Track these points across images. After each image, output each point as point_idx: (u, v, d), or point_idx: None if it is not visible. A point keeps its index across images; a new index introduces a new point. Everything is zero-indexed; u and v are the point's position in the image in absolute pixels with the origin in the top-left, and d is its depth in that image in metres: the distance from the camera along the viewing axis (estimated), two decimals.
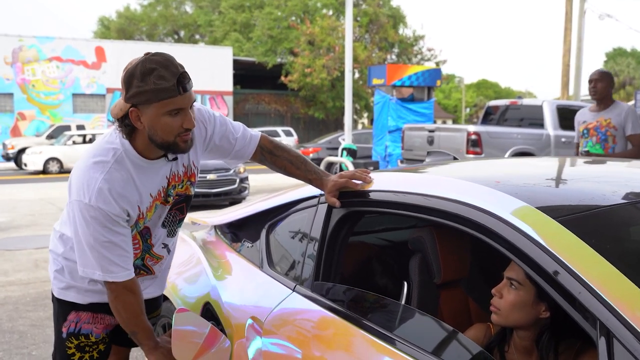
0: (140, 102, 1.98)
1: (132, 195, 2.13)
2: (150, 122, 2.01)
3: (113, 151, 2.11)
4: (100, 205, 2.04)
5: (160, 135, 2.03)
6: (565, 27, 20.70)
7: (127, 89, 1.98)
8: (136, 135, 2.10)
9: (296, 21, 38.30)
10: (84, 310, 2.38)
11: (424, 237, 2.24)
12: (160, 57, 1.97)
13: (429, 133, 12.92)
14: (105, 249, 2.08)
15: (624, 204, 1.85)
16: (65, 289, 2.38)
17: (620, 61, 55.04)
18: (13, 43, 31.28)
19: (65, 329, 2.40)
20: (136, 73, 1.95)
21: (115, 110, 2.06)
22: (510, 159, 3.19)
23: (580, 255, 1.54)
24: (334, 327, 2.08)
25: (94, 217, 2.05)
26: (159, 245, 2.37)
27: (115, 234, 2.09)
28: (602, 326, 1.38)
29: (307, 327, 2.20)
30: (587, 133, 5.53)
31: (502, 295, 1.86)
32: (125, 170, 2.11)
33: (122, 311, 2.20)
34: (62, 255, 2.35)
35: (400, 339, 1.83)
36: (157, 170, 2.19)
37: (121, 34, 47.58)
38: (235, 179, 12.46)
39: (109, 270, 2.11)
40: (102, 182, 2.05)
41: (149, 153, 2.14)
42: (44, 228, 9.98)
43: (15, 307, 5.65)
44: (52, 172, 21.94)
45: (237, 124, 2.41)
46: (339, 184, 2.31)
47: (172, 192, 2.27)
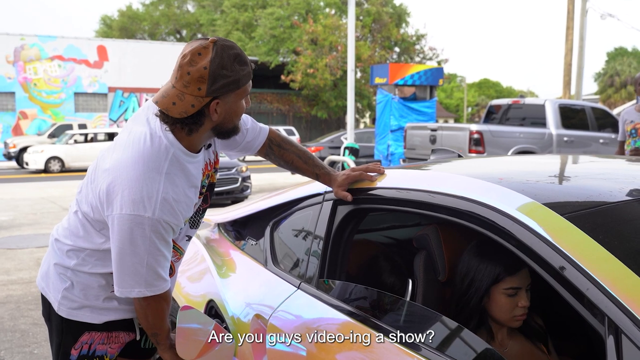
0: (228, 91, 1.87)
1: (188, 195, 2.01)
2: (229, 109, 1.92)
3: (165, 153, 1.93)
4: (165, 217, 1.90)
5: (233, 121, 1.97)
6: (567, 27, 20.68)
7: (213, 81, 1.83)
8: (197, 127, 1.95)
9: (299, 20, 38.27)
10: (98, 330, 2.17)
11: (428, 234, 2.23)
12: (229, 42, 1.89)
13: (431, 132, 12.92)
14: (156, 262, 1.94)
15: (631, 201, 1.84)
16: (78, 308, 2.14)
17: (621, 61, 55.02)
18: (15, 42, 31.31)
19: (76, 351, 2.17)
20: (225, 63, 1.83)
21: (177, 109, 1.85)
22: (513, 157, 3.18)
23: (588, 251, 1.53)
24: (339, 325, 2.07)
25: (156, 230, 1.89)
26: (182, 238, 2.21)
27: (167, 244, 1.97)
28: (610, 323, 1.37)
29: (311, 325, 2.19)
30: (635, 133, 5.90)
31: None
32: (180, 171, 1.97)
33: (150, 317, 2.09)
34: (73, 268, 2.12)
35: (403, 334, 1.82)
36: (200, 162, 2.08)
37: (123, 33, 47.63)
38: (238, 178, 12.47)
39: (154, 284, 1.97)
40: (164, 192, 1.89)
41: (196, 146, 2.01)
42: (45, 227, 9.98)
43: (17, 305, 5.65)
44: (54, 171, 21.95)
45: (245, 116, 2.33)
46: (353, 176, 2.29)
47: (205, 182, 2.16)
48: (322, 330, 2.12)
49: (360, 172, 2.30)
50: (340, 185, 2.31)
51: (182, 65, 1.83)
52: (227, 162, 12.38)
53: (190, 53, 1.83)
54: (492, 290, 2.00)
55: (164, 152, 1.92)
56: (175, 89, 1.85)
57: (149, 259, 1.92)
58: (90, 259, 2.11)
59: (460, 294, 2.05)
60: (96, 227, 2.06)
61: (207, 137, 2.02)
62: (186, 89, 1.83)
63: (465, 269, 2.05)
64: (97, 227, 2.06)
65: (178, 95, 1.84)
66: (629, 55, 57.27)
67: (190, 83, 1.82)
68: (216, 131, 1.99)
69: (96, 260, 2.09)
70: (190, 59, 1.82)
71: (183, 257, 2.29)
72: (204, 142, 2.04)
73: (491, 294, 2.00)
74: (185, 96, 1.84)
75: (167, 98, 1.86)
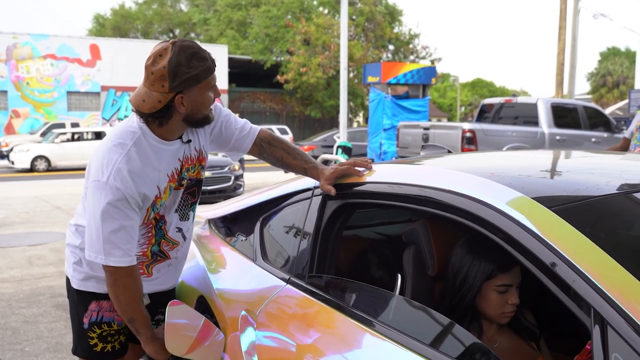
0: (189, 86, 2.08)
1: (151, 173, 2.19)
2: (194, 102, 2.13)
3: (132, 134, 2.17)
4: (118, 184, 2.09)
5: (202, 111, 2.18)
6: (560, 26, 20.74)
7: (173, 78, 2.05)
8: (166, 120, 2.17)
9: (292, 19, 38.27)
10: (105, 299, 2.38)
11: (417, 229, 2.23)
12: (187, 41, 2.10)
13: (423, 130, 12.94)
14: (112, 232, 2.11)
15: (617, 194, 1.85)
16: (85, 279, 2.40)
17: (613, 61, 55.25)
18: (7, 40, 31.20)
19: (86, 319, 2.42)
20: (182, 61, 2.04)
21: (147, 105, 2.10)
22: (504, 152, 3.19)
23: (574, 244, 1.53)
24: (327, 318, 2.07)
25: (109, 197, 2.09)
26: (172, 229, 2.40)
27: (126, 217, 2.13)
28: (596, 314, 1.38)
29: (300, 319, 2.19)
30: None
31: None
32: (143, 151, 2.17)
33: (120, 295, 2.22)
34: (80, 246, 2.36)
35: (393, 329, 1.82)
36: (173, 151, 2.26)
37: (116, 32, 47.53)
38: (230, 177, 12.46)
39: (111, 254, 2.13)
40: (120, 163, 2.11)
41: (168, 135, 2.22)
42: (38, 225, 9.95)
43: (9, 303, 5.63)
44: (40, 170, 21.76)
45: (236, 117, 2.50)
46: (340, 170, 2.32)
47: (185, 175, 2.33)
48: (311, 325, 2.12)
49: (348, 166, 2.32)
50: (328, 179, 2.32)
51: (147, 66, 2.07)
52: (219, 160, 12.37)
53: (153, 55, 2.07)
54: (483, 286, 2.00)
55: (130, 133, 2.18)
56: (144, 88, 2.10)
57: (104, 226, 2.11)
58: None
59: (454, 289, 2.05)
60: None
61: (180, 127, 2.23)
62: (152, 87, 2.07)
63: (459, 264, 2.05)
64: None
65: (147, 93, 2.09)
66: (621, 55, 57.48)
67: (155, 82, 2.06)
68: (188, 121, 2.20)
69: None
70: (152, 61, 2.06)
71: (179, 247, 2.46)
72: (177, 132, 2.24)
73: (482, 290, 2.01)
74: (152, 94, 2.08)
75: (138, 97, 2.12)
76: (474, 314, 2.04)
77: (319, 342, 2.01)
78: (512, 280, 1.99)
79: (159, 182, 2.22)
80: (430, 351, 1.68)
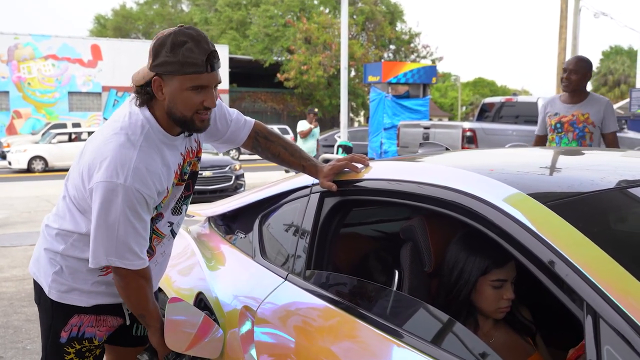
0: (166, 72, 1.97)
1: (162, 172, 2.07)
2: (172, 94, 2.00)
3: (141, 128, 2.04)
4: (137, 185, 1.96)
5: (179, 109, 2.01)
6: (561, 25, 20.72)
7: (154, 57, 1.98)
8: (154, 107, 2.07)
9: (292, 18, 38.27)
10: (87, 313, 2.25)
11: (415, 226, 2.24)
12: (193, 31, 1.97)
13: (424, 130, 12.95)
14: (128, 235, 1.99)
15: (611, 190, 1.86)
16: (67, 292, 2.22)
17: (615, 59, 55.22)
18: (9, 41, 31.24)
19: (65, 333, 2.25)
20: (167, 43, 1.95)
21: (137, 77, 2.04)
22: (503, 149, 3.20)
23: (567, 238, 1.55)
24: (325, 314, 2.08)
25: (127, 199, 1.95)
26: (164, 223, 2.27)
27: (141, 219, 2.01)
28: (588, 307, 1.39)
29: (299, 316, 2.21)
30: (561, 127, 4.91)
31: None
32: (154, 146, 2.06)
33: (132, 296, 2.13)
34: (62, 253, 2.19)
35: (392, 324, 1.83)
36: (178, 146, 2.17)
37: (117, 32, 47.53)
38: (231, 176, 12.47)
39: (125, 257, 2.01)
40: (137, 161, 1.97)
41: (170, 129, 2.10)
42: (39, 225, 9.85)
43: (10, 302, 5.65)
44: (36, 171, 21.59)
45: (231, 109, 2.41)
46: (338, 166, 2.32)
47: (187, 169, 2.24)
48: (309, 321, 2.14)
49: (346, 162, 2.33)
50: (326, 176, 2.33)
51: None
52: (220, 160, 12.40)
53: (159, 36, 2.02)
54: (478, 281, 2.02)
55: (139, 127, 2.04)
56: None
57: (121, 230, 1.97)
58: (78, 244, 2.18)
59: (450, 285, 2.07)
60: (80, 209, 2.14)
61: (174, 123, 2.10)
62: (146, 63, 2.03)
63: (454, 260, 2.07)
64: (81, 209, 2.14)
65: (144, 66, 2.05)
66: (623, 54, 57.45)
67: (149, 56, 2.02)
68: (171, 117, 2.06)
69: (84, 245, 2.14)
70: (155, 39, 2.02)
71: (164, 241, 2.33)
72: (176, 127, 2.12)
73: (477, 285, 2.03)
74: (145, 67, 2.03)
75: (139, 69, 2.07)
76: (469, 309, 2.06)
77: (317, 338, 2.03)
78: (507, 275, 2.01)
79: (168, 180, 2.12)
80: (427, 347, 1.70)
